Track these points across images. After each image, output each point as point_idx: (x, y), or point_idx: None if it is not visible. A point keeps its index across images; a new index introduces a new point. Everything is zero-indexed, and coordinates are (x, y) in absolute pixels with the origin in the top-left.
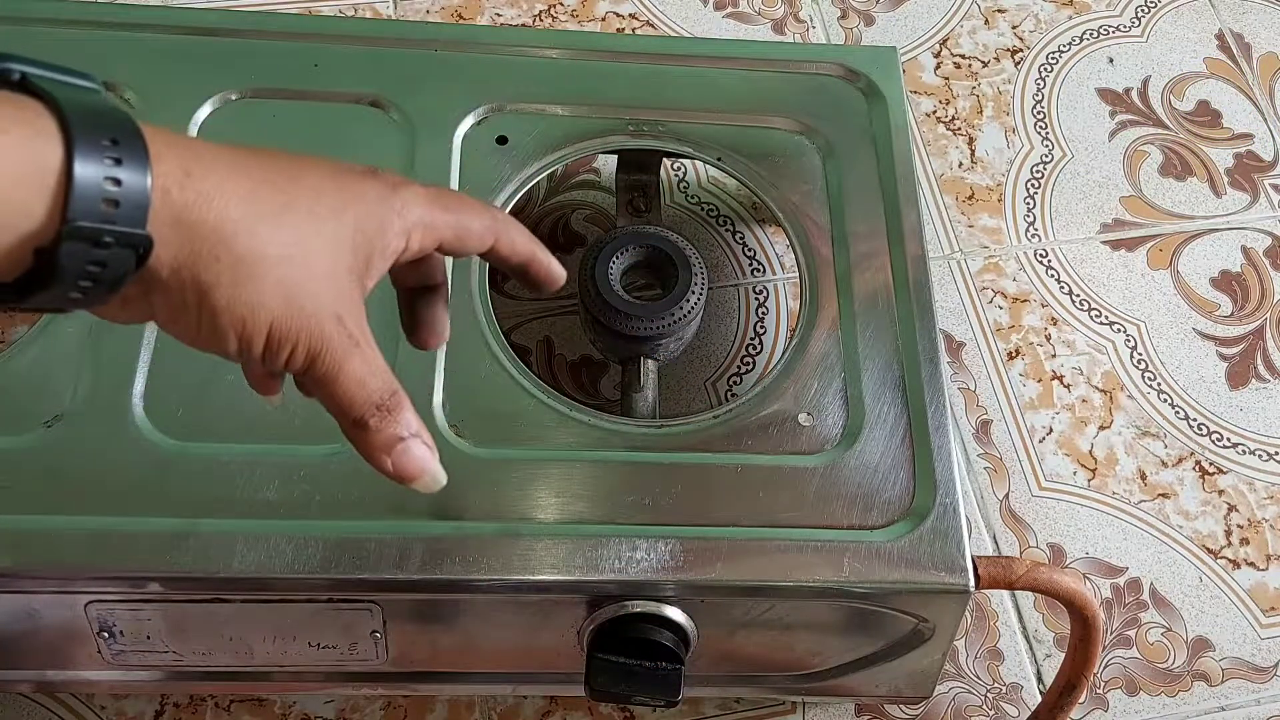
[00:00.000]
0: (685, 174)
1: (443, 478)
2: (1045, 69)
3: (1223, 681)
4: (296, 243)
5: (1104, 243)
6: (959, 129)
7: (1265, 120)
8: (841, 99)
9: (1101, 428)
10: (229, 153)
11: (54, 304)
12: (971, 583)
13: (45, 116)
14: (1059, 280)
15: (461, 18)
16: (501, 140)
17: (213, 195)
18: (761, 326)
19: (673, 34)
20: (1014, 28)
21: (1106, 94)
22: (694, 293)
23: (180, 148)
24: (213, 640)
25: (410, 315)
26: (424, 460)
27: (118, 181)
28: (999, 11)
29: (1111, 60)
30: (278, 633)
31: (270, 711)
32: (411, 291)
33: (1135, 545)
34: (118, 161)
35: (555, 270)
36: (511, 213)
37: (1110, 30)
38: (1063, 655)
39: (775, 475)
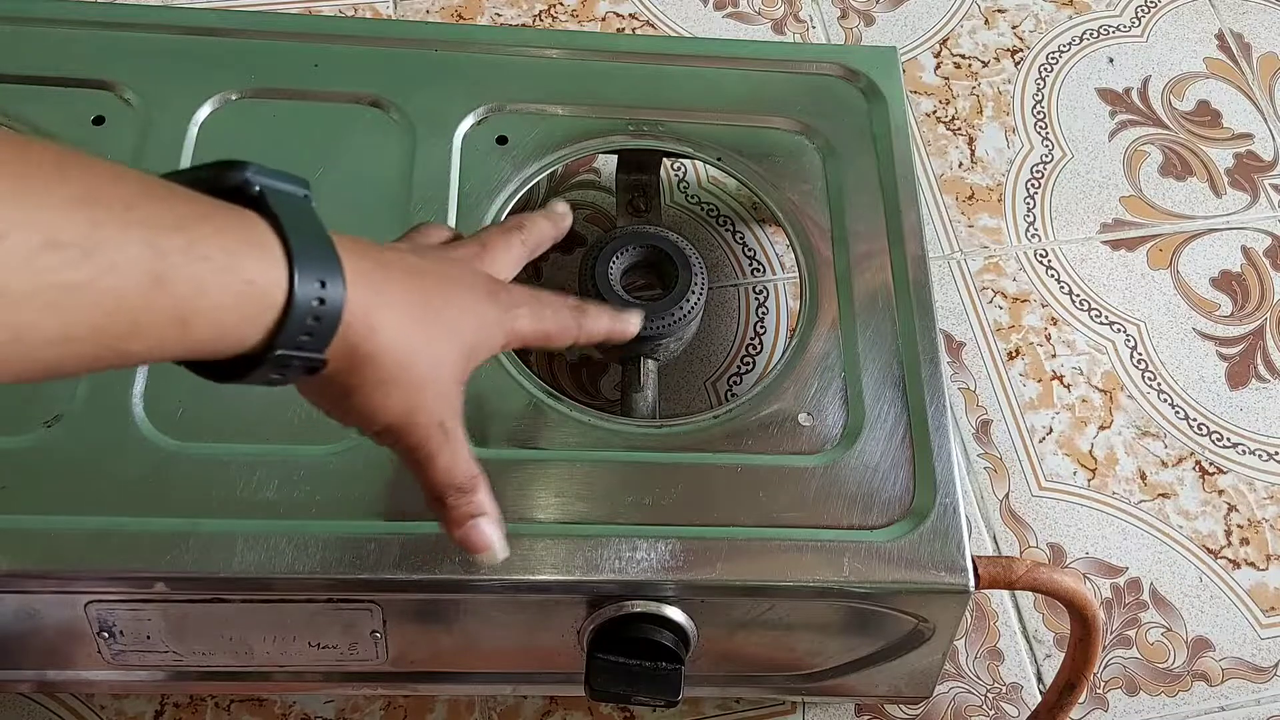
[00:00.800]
0: (685, 174)
1: (502, 554)
2: (1045, 69)
3: (1223, 681)
4: (426, 349)
5: (1104, 243)
6: (959, 129)
7: (1265, 120)
8: (841, 99)
9: (1101, 428)
10: (400, 275)
11: (214, 380)
12: (971, 583)
13: (277, 249)
14: (1059, 280)
15: (461, 18)
16: (501, 140)
17: (383, 328)
18: (761, 326)
19: (673, 34)
20: (1014, 28)
21: (1106, 94)
22: (694, 293)
23: (365, 277)
24: (213, 640)
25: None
26: (489, 537)
27: (318, 318)
28: (999, 11)
29: (1111, 60)
30: (278, 633)
31: (270, 711)
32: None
33: (1135, 545)
34: (322, 301)
35: (630, 329)
36: (511, 213)
37: (1110, 30)
38: (1063, 655)
39: (775, 475)
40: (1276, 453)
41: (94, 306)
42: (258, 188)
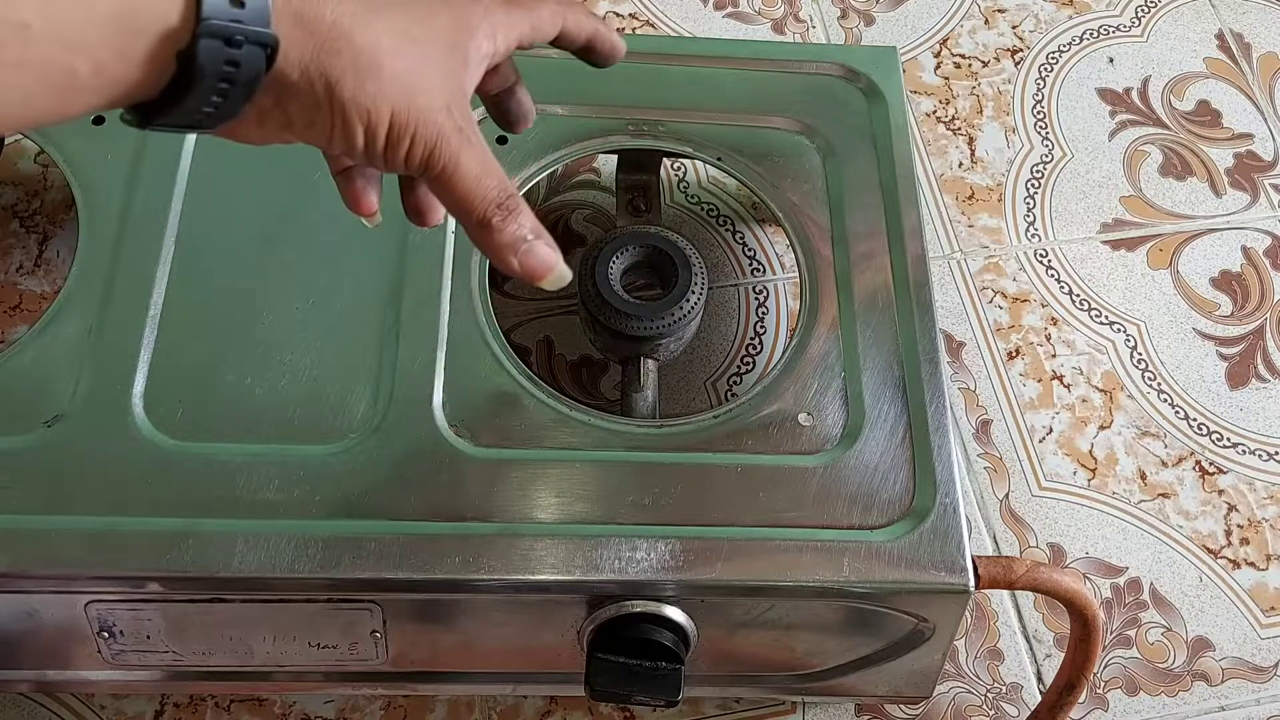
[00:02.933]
0: (685, 174)
1: (568, 274)
2: (1045, 69)
3: (1222, 681)
4: (405, 36)
5: (1104, 243)
6: (959, 129)
7: (1265, 120)
8: (841, 99)
9: (1101, 428)
10: None
11: (196, 118)
12: (971, 583)
13: None
14: (1059, 280)
15: None
16: (501, 140)
17: (350, 12)
18: (761, 326)
19: (673, 34)
20: (1014, 28)
21: (1106, 94)
22: (694, 293)
23: None
24: (213, 640)
25: (502, 112)
26: (549, 258)
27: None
28: (999, 11)
29: (1111, 60)
30: (278, 633)
31: (270, 711)
32: (495, 97)
33: (1135, 545)
34: None
35: (618, 43)
36: None
37: (1110, 30)
38: (1063, 655)
39: (775, 475)
40: (1276, 453)
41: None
42: None
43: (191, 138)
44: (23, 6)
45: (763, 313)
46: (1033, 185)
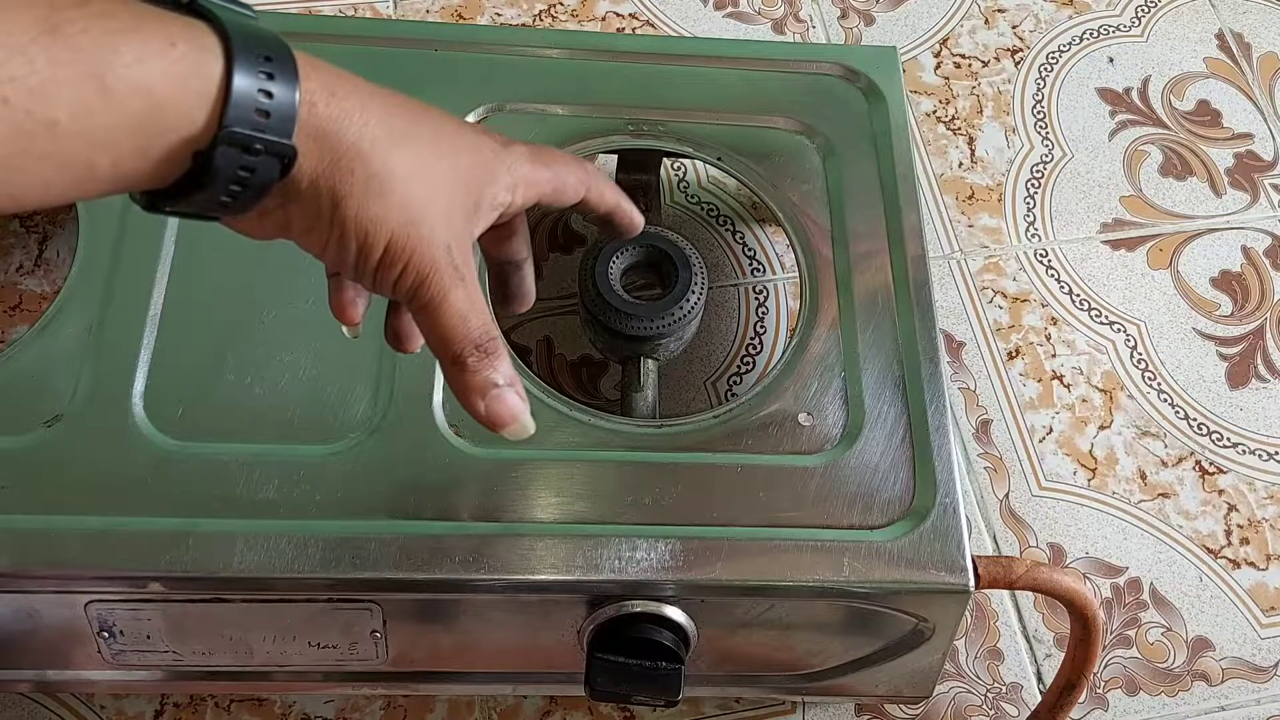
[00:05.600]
0: (685, 174)
1: (532, 427)
2: (1045, 69)
3: (1222, 681)
4: (421, 168)
5: (1104, 242)
6: (959, 129)
7: (1265, 120)
8: (841, 99)
9: (1101, 427)
10: (366, 82)
11: (204, 208)
12: (971, 583)
13: (209, 35)
14: (1059, 280)
15: (461, 18)
16: None
17: (353, 113)
18: (761, 326)
19: (673, 34)
20: (1014, 27)
21: (1106, 94)
22: (694, 293)
23: (325, 70)
24: (213, 640)
25: (500, 283)
26: (516, 408)
27: (270, 94)
28: (999, 11)
29: (1111, 60)
30: (278, 633)
31: (270, 711)
32: (501, 265)
33: (1135, 545)
34: (270, 76)
35: (636, 219)
36: None
37: (1110, 30)
38: (1063, 655)
39: (775, 475)
40: (1276, 453)
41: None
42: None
43: None
44: (56, 105)
45: (763, 313)
46: (1033, 185)
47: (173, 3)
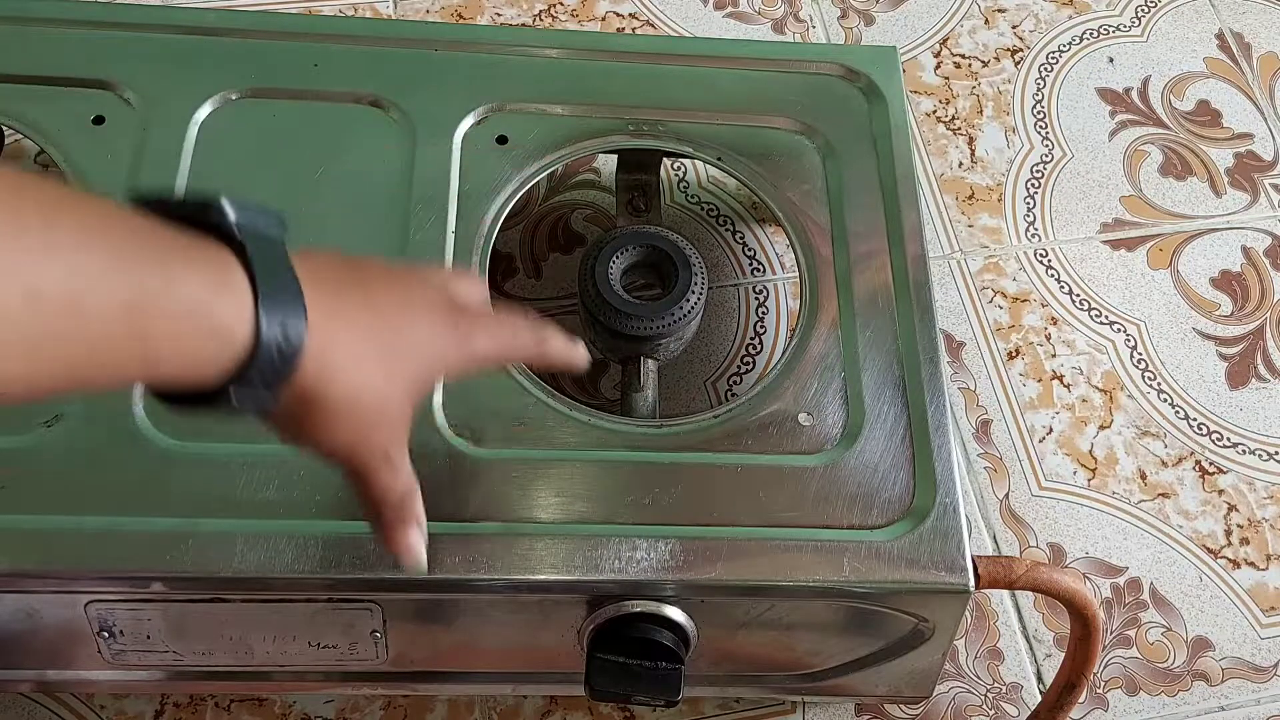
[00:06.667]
0: (685, 174)
1: (424, 566)
2: (1045, 69)
3: (1222, 681)
4: (378, 401)
5: (1104, 242)
6: (959, 129)
7: (1265, 120)
8: (841, 99)
9: (1101, 427)
10: (355, 309)
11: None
12: (971, 582)
13: (242, 285)
14: (1059, 280)
15: (461, 18)
16: (501, 140)
17: (336, 369)
18: (761, 326)
19: (673, 34)
20: (1014, 27)
21: (1106, 94)
22: (694, 293)
23: (325, 315)
24: (213, 640)
25: None
26: (414, 549)
27: (279, 360)
28: (999, 11)
29: (1111, 60)
30: (278, 633)
31: (270, 711)
32: None
33: (1135, 545)
34: (282, 348)
35: (580, 363)
36: (511, 213)
37: (1110, 30)
38: (1063, 655)
39: (775, 475)
40: (1276, 453)
41: (65, 349)
42: (236, 227)
43: (191, 137)
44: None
45: (763, 313)
46: (1033, 185)
47: (218, 230)
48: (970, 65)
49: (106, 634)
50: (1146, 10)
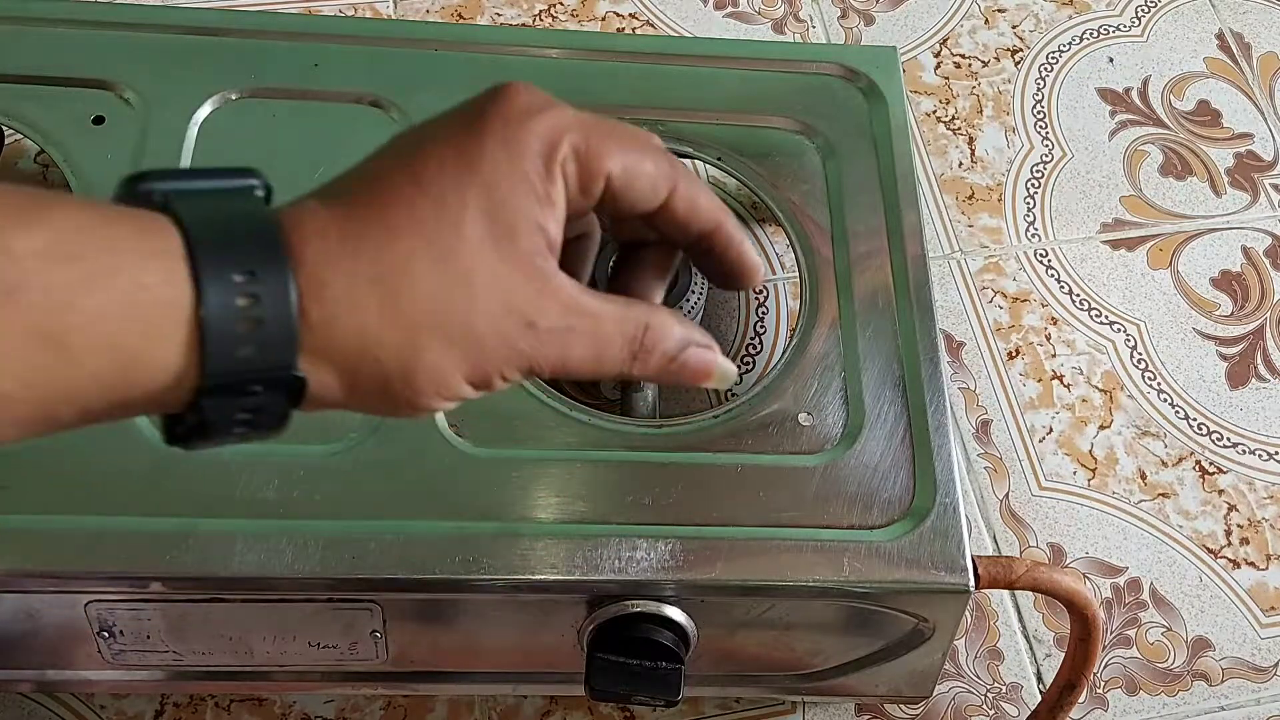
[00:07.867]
0: None
1: (733, 373)
2: (1045, 69)
3: (1222, 681)
4: (439, 293)
5: (1104, 242)
6: (959, 129)
7: (1265, 120)
8: (841, 99)
9: (1101, 427)
10: (342, 219)
11: (224, 443)
12: (971, 582)
13: (174, 245)
14: (1059, 280)
15: (461, 18)
16: None
17: (342, 308)
18: (761, 326)
19: (673, 34)
20: (1014, 27)
21: (1106, 94)
22: (694, 293)
23: (313, 246)
24: (213, 640)
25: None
26: (704, 364)
27: (259, 319)
28: (999, 11)
29: (1111, 60)
30: (278, 633)
31: (270, 711)
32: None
33: (1135, 545)
34: (254, 299)
35: (749, 257)
36: None
37: (1110, 30)
38: (1063, 655)
39: (775, 475)
40: (1276, 453)
41: None
42: (160, 194)
43: (191, 137)
44: (3, 375)
45: (763, 313)
46: (1033, 185)
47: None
48: (970, 65)
49: (106, 634)
50: (1146, 10)
